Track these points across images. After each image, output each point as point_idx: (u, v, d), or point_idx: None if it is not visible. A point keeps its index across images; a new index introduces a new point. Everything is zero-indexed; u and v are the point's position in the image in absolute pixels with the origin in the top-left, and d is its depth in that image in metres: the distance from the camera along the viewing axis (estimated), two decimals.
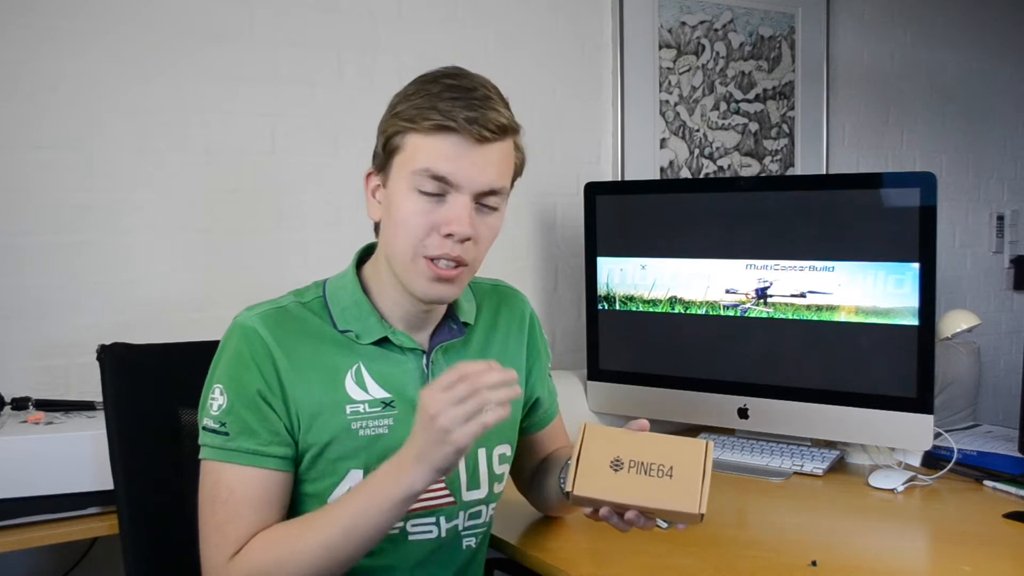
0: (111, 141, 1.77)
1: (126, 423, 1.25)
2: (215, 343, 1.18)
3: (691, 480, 1.04)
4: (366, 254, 1.22)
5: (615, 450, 1.07)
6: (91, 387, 1.52)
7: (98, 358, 1.26)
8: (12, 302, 1.70)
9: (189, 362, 1.31)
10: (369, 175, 1.16)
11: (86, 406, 1.59)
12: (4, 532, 1.39)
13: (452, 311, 1.23)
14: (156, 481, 1.26)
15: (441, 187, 1.07)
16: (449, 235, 1.07)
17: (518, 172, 1.17)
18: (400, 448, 1.04)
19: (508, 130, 1.10)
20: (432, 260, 1.08)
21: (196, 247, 1.85)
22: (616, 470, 1.06)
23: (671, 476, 1.05)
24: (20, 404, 1.58)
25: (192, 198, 1.84)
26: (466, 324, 1.24)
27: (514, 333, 1.31)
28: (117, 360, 1.27)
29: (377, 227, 1.18)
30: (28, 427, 1.46)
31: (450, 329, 1.21)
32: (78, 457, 1.43)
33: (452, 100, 1.06)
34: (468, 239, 1.08)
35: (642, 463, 1.06)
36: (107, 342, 1.28)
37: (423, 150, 1.07)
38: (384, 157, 1.12)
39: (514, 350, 1.30)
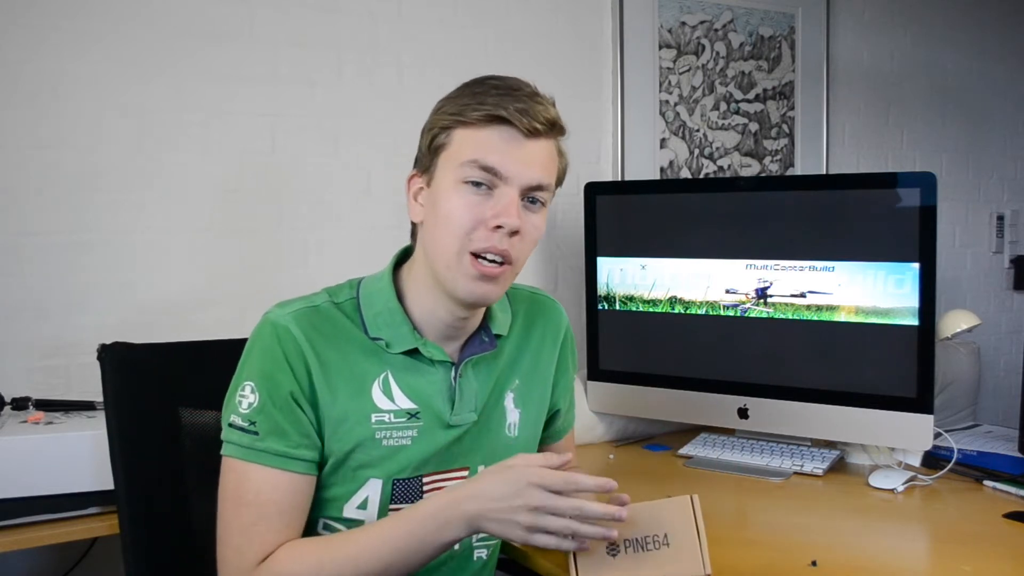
0: (111, 141, 1.77)
1: (126, 423, 1.25)
2: (215, 343, 1.19)
3: (688, 542, 1.04)
4: (403, 257, 1.19)
5: None
6: (91, 387, 1.52)
7: (98, 358, 1.26)
8: (12, 302, 1.70)
9: (189, 362, 1.32)
10: (412, 178, 1.15)
11: (86, 406, 1.59)
12: (4, 532, 1.39)
13: (485, 322, 1.20)
14: (156, 481, 1.25)
15: (489, 179, 1.06)
16: (497, 228, 1.05)
17: (560, 180, 1.16)
18: (456, 491, 1.03)
19: (556, 127, 1.10)
20: (477, 257, 1.07)
21: (196, 247, 1.85)
22: (614, 555, 1.06)
23: (668, 544, 1.05)
24: (20, 404, 1.58)
25: (192, 198, 1.84)
26: (498, 336, 1.21)
27: (547, 346, 1.29)
28: (117, 360, 1.26)
29: (414, 232, 1.17)
30: (28, 427, 1.46)
31: (481, 342, 1.19)
32: (78, 457, 1.43)
33: (500, 95, 1.07)
34: (516, 232, 1.07)
35: (636, 539, 1.06)
36: (107, 342, 1.28)
37: (471, 142, 1.07)
38: (429, 156, 1.11)
39: (545, 363, 1.29)
